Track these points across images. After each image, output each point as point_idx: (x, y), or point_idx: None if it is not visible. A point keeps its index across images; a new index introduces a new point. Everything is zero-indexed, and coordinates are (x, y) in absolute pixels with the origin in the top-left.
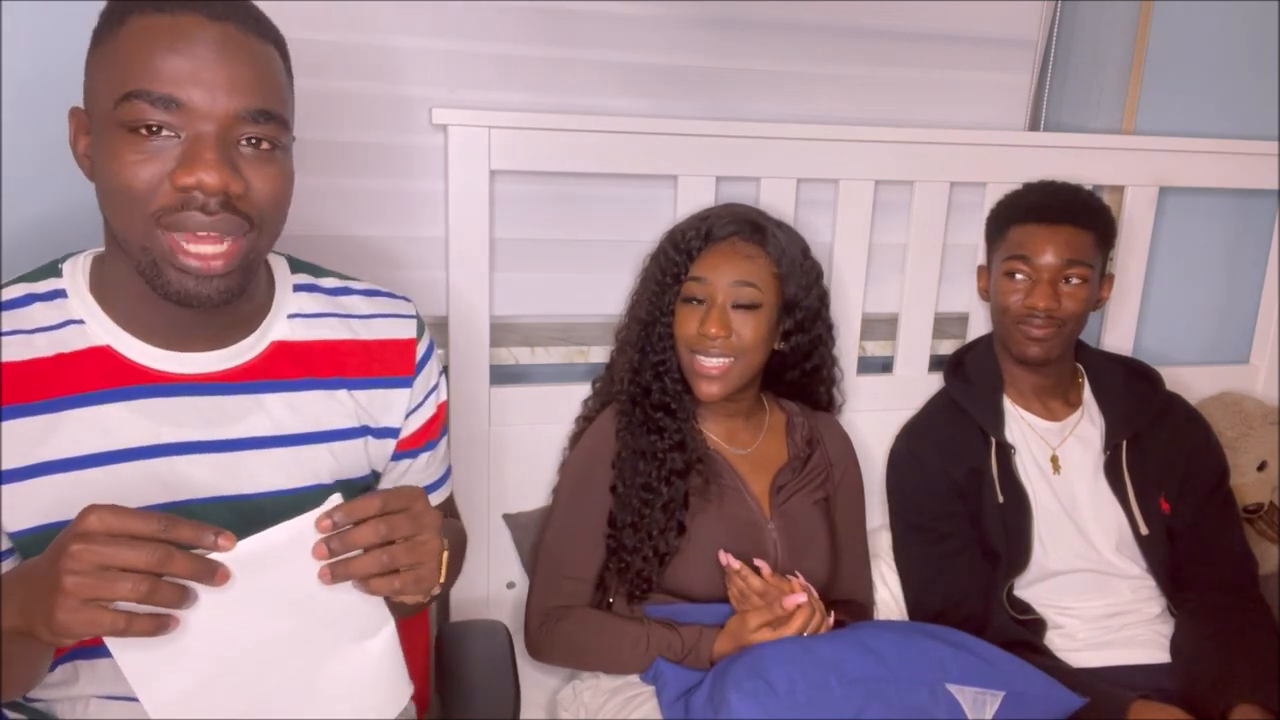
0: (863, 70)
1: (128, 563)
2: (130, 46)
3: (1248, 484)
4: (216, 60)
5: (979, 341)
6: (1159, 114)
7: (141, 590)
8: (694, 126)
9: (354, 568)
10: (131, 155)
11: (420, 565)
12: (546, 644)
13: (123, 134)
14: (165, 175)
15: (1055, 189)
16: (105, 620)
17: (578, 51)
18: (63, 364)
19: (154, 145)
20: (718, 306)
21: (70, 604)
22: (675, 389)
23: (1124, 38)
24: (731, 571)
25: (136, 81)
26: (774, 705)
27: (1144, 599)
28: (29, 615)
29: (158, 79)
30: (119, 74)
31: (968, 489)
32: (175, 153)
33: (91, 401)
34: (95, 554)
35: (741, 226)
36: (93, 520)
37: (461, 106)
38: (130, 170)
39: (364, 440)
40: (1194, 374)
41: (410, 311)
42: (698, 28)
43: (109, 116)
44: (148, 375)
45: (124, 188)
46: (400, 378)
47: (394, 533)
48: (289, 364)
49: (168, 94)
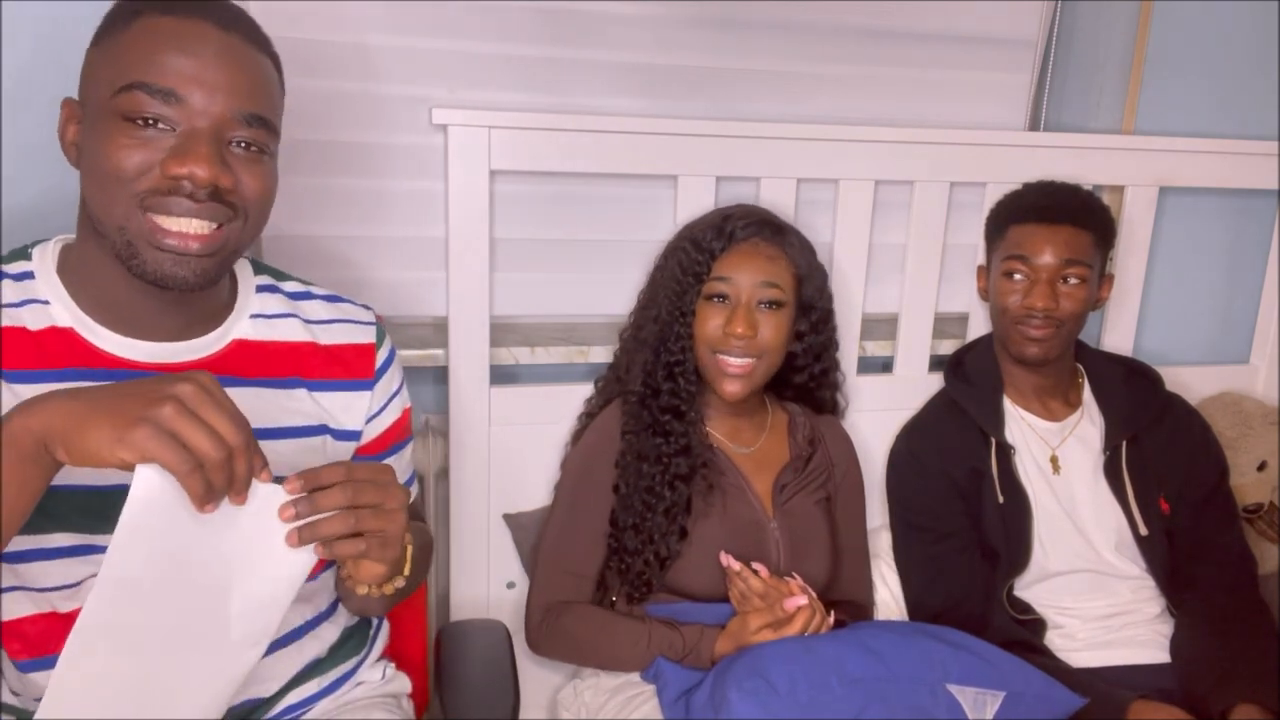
0: (863, 70)
1: (216, 428)
2: (137, 42)
3: (1248, 484)
4: (219, 64)
5: (979, 341)
6: (1159, 114)
7: (217, 453)
8: (694, 126)
9: (321, 529)
10: (124, 140)
11: (385, 532)
12: (547, 639)
13: (118, 121)
14: (155, 163)
15: (1054, 189)
16: (175, 454)
17: (578, 51)
18: (25, 339)
19: (148, 134)
20: (743, 306)
21: (150, 430)
22: (688, 390)
23: (1124, 38)
24: (732, 573)
25: (139, 74)
26: (775, 705)
27: (1144, 599)
28: (76, 425)
29: (160, 73)
30: (122, 66)
31: (968, 489)
32: (168, 144)
33: (52, 379)
34: (198, 401)
35: (762, 227)
36: (206, 379)
37: (461, 106)
38: (122, 154)
39: (323, 439)
40: (1194, 374)
41: (370, 319)
42: (698, 28)
43: (106, 105)
44: (109, 360)
45: (113, 170)
46: (360, 380)
47: (360, 498)
48: (249, 362)
49: (169, 88)
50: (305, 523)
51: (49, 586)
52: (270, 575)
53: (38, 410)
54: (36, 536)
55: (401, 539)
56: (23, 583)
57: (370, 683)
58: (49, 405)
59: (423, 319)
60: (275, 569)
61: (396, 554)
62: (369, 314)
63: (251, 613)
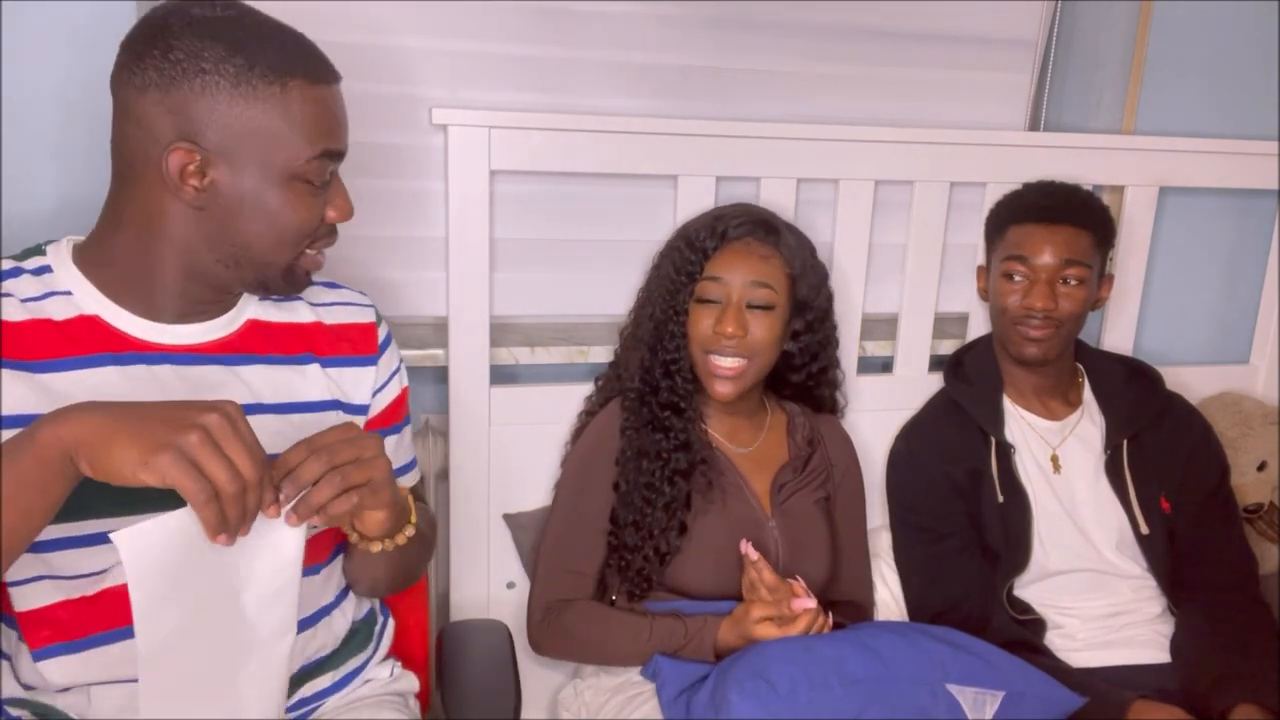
0: (863, 70)
1: (235, 461)
2: (306, 112)
3: (1248, 484)
4: (346, 118)
5: (979, 341)
6: (1159, 114)
7: (232, 487)
8: (694, 126)
9: (313, 498)
10: (308, 200)
11: (373, 480)
12: (548, 637)
13: (300, 183)
14: (319, 214)
15: (1053, 189)
16: (195, 483)
17: (578, 51)
18: (52, 329)
19: (318, 191)
20: (733, 306)
21: (175, 455)
22: (685, 388)
23: (1124, 38)
24: (749, 562)
25: (325, 144)
26: (775, 705)
27: (1144, 599)
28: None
29: (335, 140)
30: (301, 136)
31: (968, 489)
32: (325, 194)
33: (82, 365)
34: (222, 433)
35: (756, 227)
36: (232, 409)
37: (461, 106)
38: (306, 212)
39: (336, 413)
40: (1194, 374)
41: (367, 301)
42: (698, 28)
43: (286, 167)
44: (135, 344)
45: (298, 225)
46: (366, 356)
47: (336, 459)
48: (262, 340)
49: (341, 150)
50: (298, 499)
51: (78, 574)
52: (271, 567)
53: (68, 420)
54: (66, 525)
55: (390, 482)
56: (51, 571)
57: (378, 680)
58: (80, 417)
59: (423, 319)
60: (274, 558)
61: (390, 496)
62: (365, 298)
63: (268, 608)
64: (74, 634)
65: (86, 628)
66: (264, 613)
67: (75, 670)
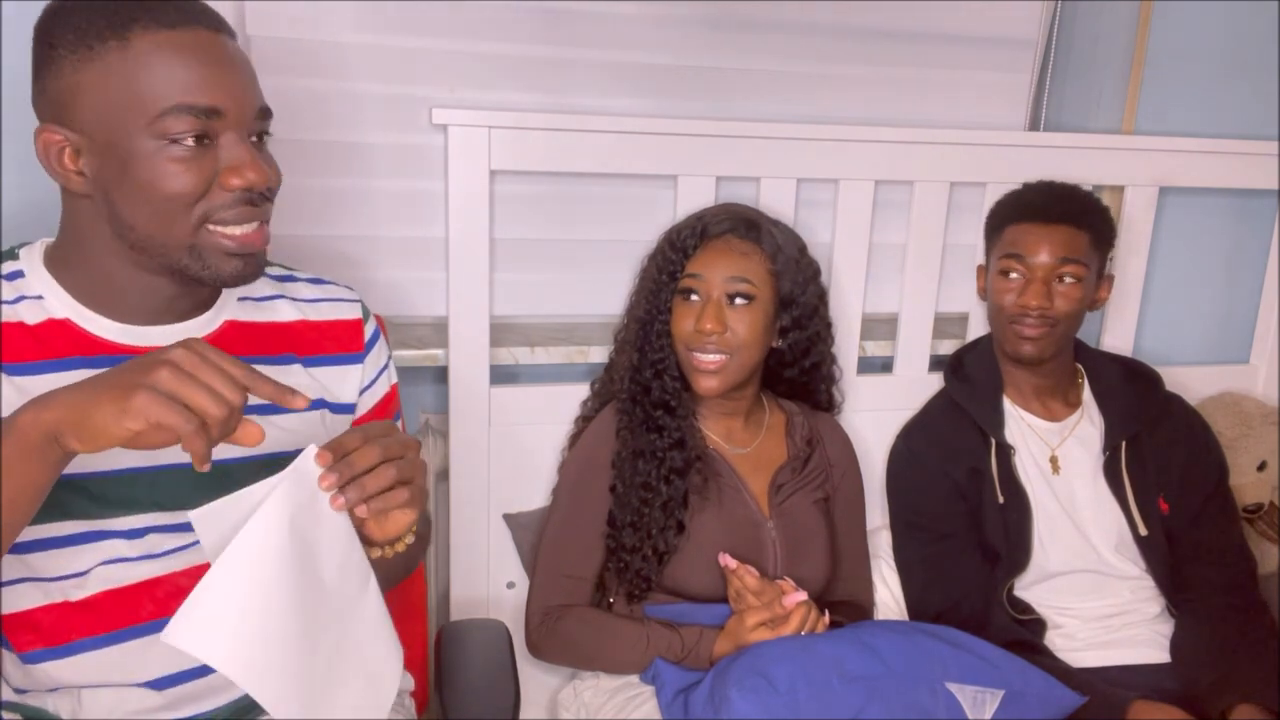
0: (863, 70)
1: (213, 385)
2: (152, 62)
3: (1248, 484)
4: (231, 67)
5: (979, 341)
6: (1159, 114)
7: (218, 410)
8: (694, 126)
9: (367, 485)
10: (175, 164)
11: (417, 479)
12: (546, 642)
13: (163, 145)
14: (211, 179)
15: (1052, 189)
16: (178, 414)
17: (578, 51)
18: (25, 333)
19: (196, 152)
20: (713, 302)
21: (149, 395)
22: (674, 386)
23: (1124, 38)
24: (729, 571)
25: (179, 96)
26: (775, 703)
27: (1143, 599)
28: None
29: (197, 92)
30: (147, 89)
31: (968, 489)
32: (214, 156)
33: (54, 369)
34: (191, 363)
35: (736, 224)
36: (195, 342)
37: (461, 106)
38: (178, 177)
39: (321, 414)
40: (1194, 374)
41: (354, 297)
42: (698, 28)
43: (141, 129)
44: (106, 346)
45: (172, 193)
46: (351, 354)
47: (389, 453)
48: (242, 341)
49: (210, 105)
50: (349, 482)
51: (59, 576)
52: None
53: (47, 405)
54: (45, 525)
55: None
56: (32, 573)
57: None
58: (58, 398)
59: (423, 319)
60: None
61: (424, 504)
62: (352, 293)
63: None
64: (59, 639)
65: (72, 632)
66: (343, 573)
67: (64, 674)
